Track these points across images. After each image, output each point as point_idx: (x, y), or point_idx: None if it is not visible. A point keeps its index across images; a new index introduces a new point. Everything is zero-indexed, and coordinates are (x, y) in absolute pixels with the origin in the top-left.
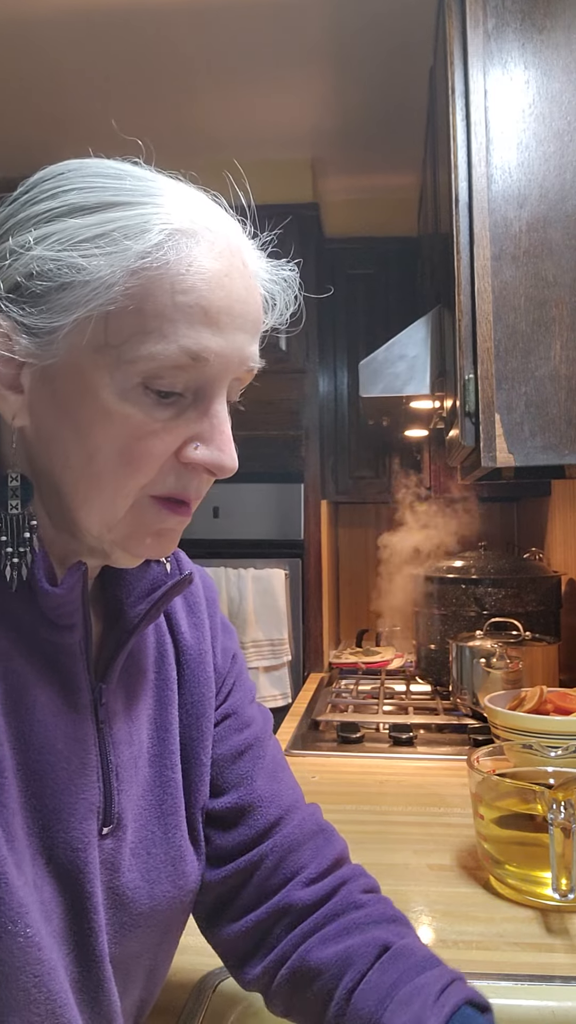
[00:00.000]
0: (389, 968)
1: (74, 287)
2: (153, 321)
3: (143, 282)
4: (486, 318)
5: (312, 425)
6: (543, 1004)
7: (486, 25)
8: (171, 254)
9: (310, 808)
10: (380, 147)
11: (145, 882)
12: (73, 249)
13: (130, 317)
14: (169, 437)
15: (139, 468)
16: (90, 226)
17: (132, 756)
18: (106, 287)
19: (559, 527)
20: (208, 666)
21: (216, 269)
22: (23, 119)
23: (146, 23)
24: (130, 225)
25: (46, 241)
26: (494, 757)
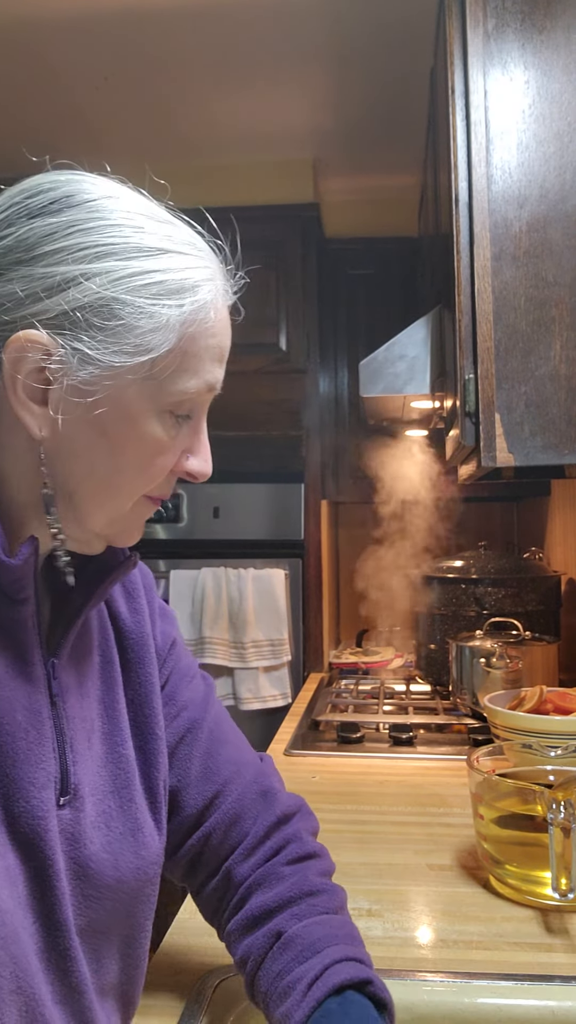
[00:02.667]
0: (277, 958)
1: (141, 330)
2: (191, 361)
3: (191, 330)
4: (486, 318)
5: (312, 425)
6: (543, 1004)
7: (486, 26)
8: (209, 306)
9: (254, 772)
10: (381, 148)
11: (108, 854)
12: (140, 294)
13: (174, 357)
14: (175, 451)
15: (154, 478)
16: (151, 271)
17: (85, 732)
18: (169, 334)
19: (559, 527)
20: (150, 648)
21: (225, 314)
22: (23, 120)
23: (146, 24)
24: (180, 279)
25: (103, 279)
26: (494, 757)
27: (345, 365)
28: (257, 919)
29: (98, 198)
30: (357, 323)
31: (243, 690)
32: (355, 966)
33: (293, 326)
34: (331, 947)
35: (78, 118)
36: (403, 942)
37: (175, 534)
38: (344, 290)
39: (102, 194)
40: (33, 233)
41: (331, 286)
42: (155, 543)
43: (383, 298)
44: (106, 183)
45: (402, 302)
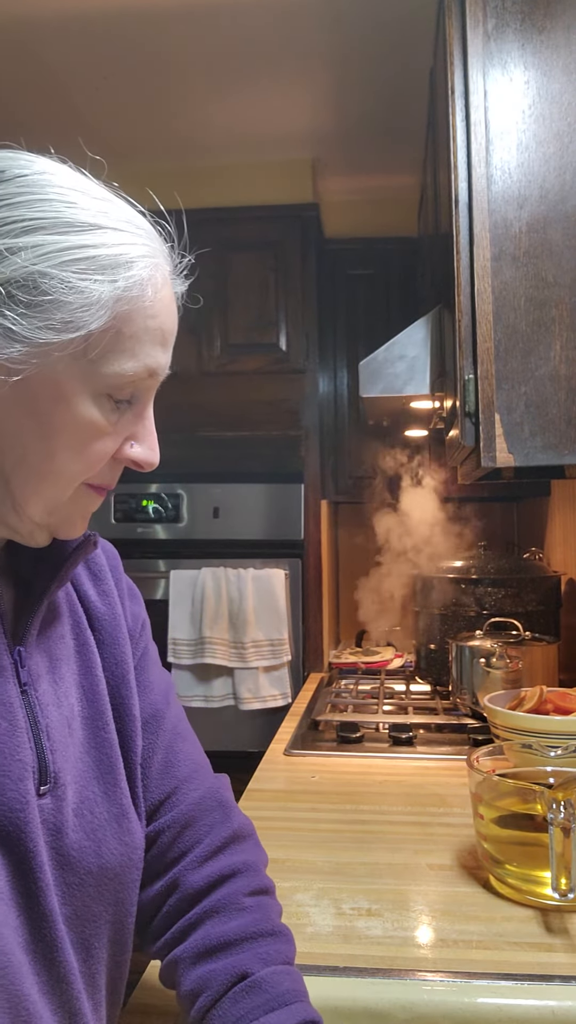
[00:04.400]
0: (241, 1000)
1: (71, 306)
2: (128, 342)
3: (125, 308)
4: (486, 318)
5: (312, 425)
6: (543, 1004)
7: (486, 26)
8: (147, 284)
9: (213, 781)
10: (380, 148)
11: (91, 841)
12: (68, 268)
13: (109, 336)
14: (116, 437)
15: (92, 465)
16: (83, 247)
17: (63, 718)
18: (100, 310)
19: (559, 527)
20: (122, 628)
21: (168, 295)
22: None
23: (146, 24)
24: (114, 254)
25: (31, 252)
26: (494, 757)
27: (345, 365)
28: (215, 948)
29: (30, 174)
30: (357, 323)
31: (243, 690)
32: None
33: (293, 326)
34: (298, 1003)
35: (77, 118)
36: (403, 942)
37: (175, 534)
38: (344, 290)
39: (35, 170)
40: None
41: (331, 286)
42: (155, 543)
43: (383, 298)
44: (43, 161)
45: (402, 302)
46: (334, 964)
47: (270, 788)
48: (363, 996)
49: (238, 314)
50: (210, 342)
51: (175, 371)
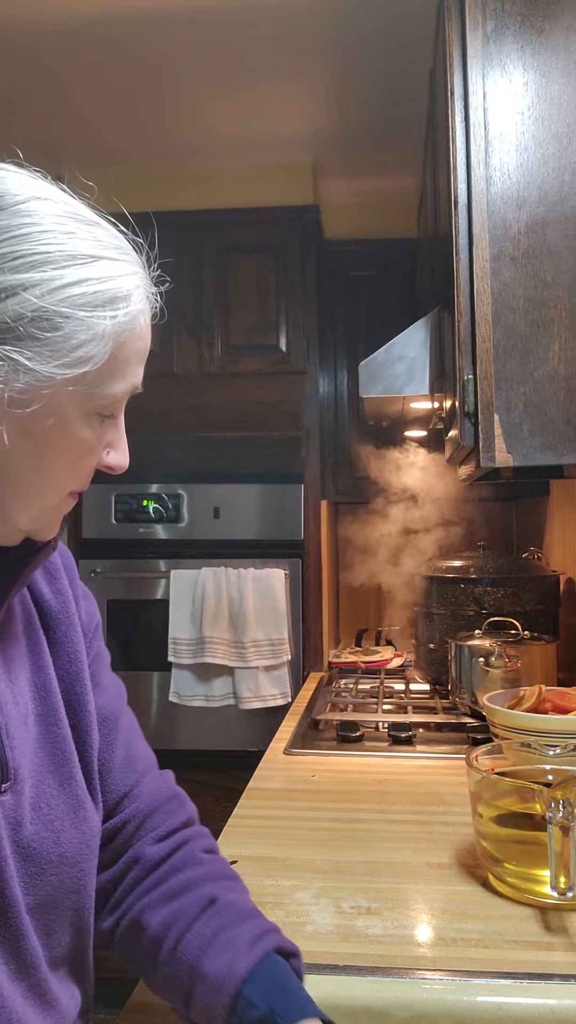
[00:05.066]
0: (213, 919)
1: (80, 342)
2: (121, 366)
3: (123, 336)
4: (485, 319)
5: (312, 425)
6: (542, 1002)
7: (485, 28)
8: (140, 314)
9: (164, 774)
10: (380, 149)
11: (49, 832)
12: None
13: (107, 364)
14: (100, 450)
15: (82, 478)
16: (87, 280)
17: (20, 715)
18: (105, 344)
19: (558, 527)
20: (76, 627)
21: (148, 317)
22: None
23: (146, 27)
24: (118, 287)
25: (44, 288)
26: (493, 756)
27: (344, 366)
28: (181, 890)
29: (27, 199)
30: (356, 324)
31: (243, 689)
32: (285, 939)
33: (293, 327)
34: (263, 919)
35: (78, 122)
36: (402, 940)
37: (175, 534)
38: (344, 291)
39: (30, 195)
40: None
41: (331, 287)
42: (155, 543)
43: (382, 299)
44: (32, 183)
45: (401, 303)
46: (333, 963)
47: (270, 787)
48: (363, 995)
49: (239, 316)
50: (211, 344)
51: (176, 372)
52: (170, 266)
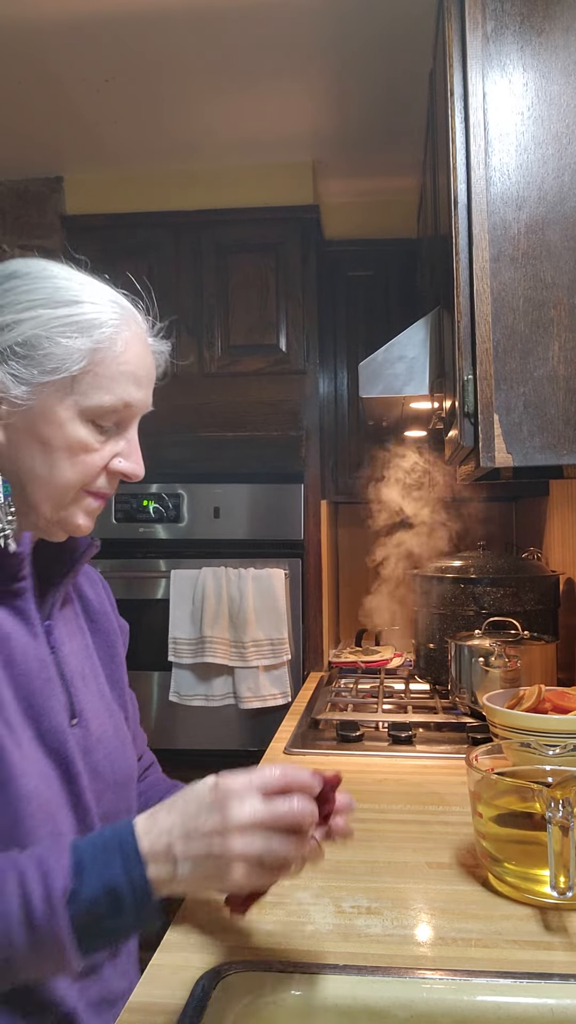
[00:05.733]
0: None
1: (58, 356)
2: (104, 381)
3: (99, 356)
4: (485, 319)
5: (312, 425)
6: (542, 1002)
7: (485, 28)
8: (116, 339)
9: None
10: (380, 150)
11: (108, 761)
12: (56, 331)
13: (89, 377)
14: (104, 453)
15: (84, 474)
16: (64, 316)
17: (81, 672)
18: (79, 358)
19: (557, 527)
20: (112, 620)
21: (139, 348)
22: (24, 123)
23: (147, 27)
24: (90, 319)
25: (33, 322)
26: (493, 755)
27: (344, 366)
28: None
29: (31, 271)
30: (356, 324)
31: (243, 689)
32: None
33: (293, 327)
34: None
35: (79, 121)
36: (402, 940)
37: (175, 534)
38: (343, 291)
39: (36, 268)
40: None
41: (330, 287)
42: (155, 543)
43: (382, 299)
44: (43, 263)
45: (401, 303)
46: (334, 962)
47: None
48: (363, 994)
49: (239, 315)
50: (211, 343)
51: (176, 372)
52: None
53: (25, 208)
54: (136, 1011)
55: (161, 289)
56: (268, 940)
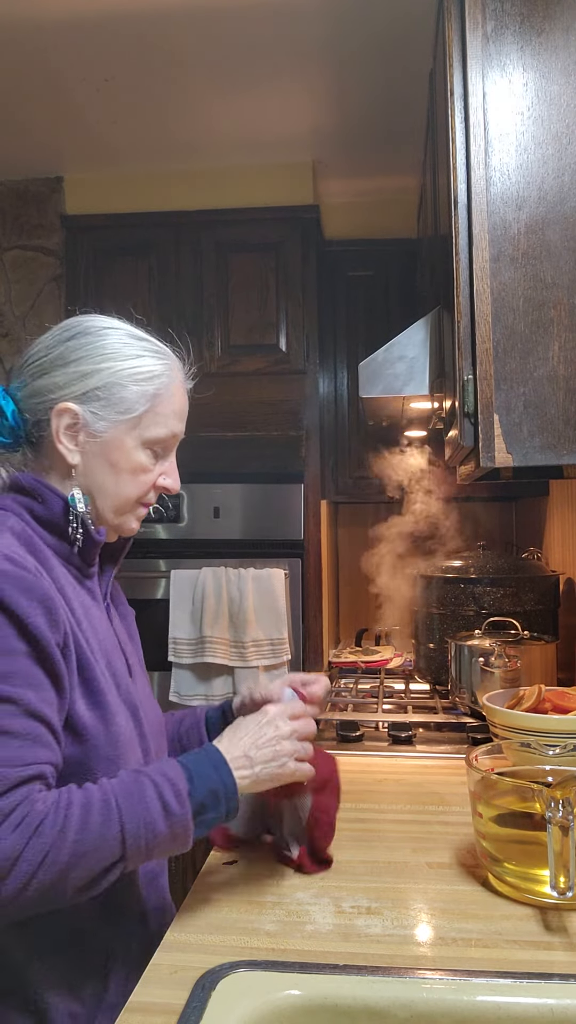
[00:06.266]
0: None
1: (130, 400)
2: (160, 418)
3: (158, 399)
4: (485, 319)
5: (312, 425)
6: (542, 1002)
7: (485, 28)
8: (169, 385)
9: None
10: (380, 150)
11: (155, 714)
12: (127, 380)
13: (149, 415)
14: (155, 473)
15: (141, 490)
16: (132, 368)
17: (125, 641)
18: (144, 401)
19: (557, 527)
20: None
21: (182, 390)
22: (25, 122)
23: (147, 26)
24: (151, 370)
25: (109, 372)
26: (493, 755)
27: (344, 366)
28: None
29: (101, 328)
30: (356, 324)
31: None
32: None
33: (293, 327)
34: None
35: (79, 120)
36: (402, 940)
37: (175, 534)
38: (343, 291)
39: (103, 325)
40: (67, 348)
41: (330, 287)
42: (156, 543)
43: (382, 299)
44: (103, 319)
45: (401, 303)
46: (334, 962)
47: None
48: (363, 994)
49: (239, 315)
50: (211, 343)
51: None
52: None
53: (25, 208)
54: (136, 1011)
55: (161, 289)
56: (268, 940)
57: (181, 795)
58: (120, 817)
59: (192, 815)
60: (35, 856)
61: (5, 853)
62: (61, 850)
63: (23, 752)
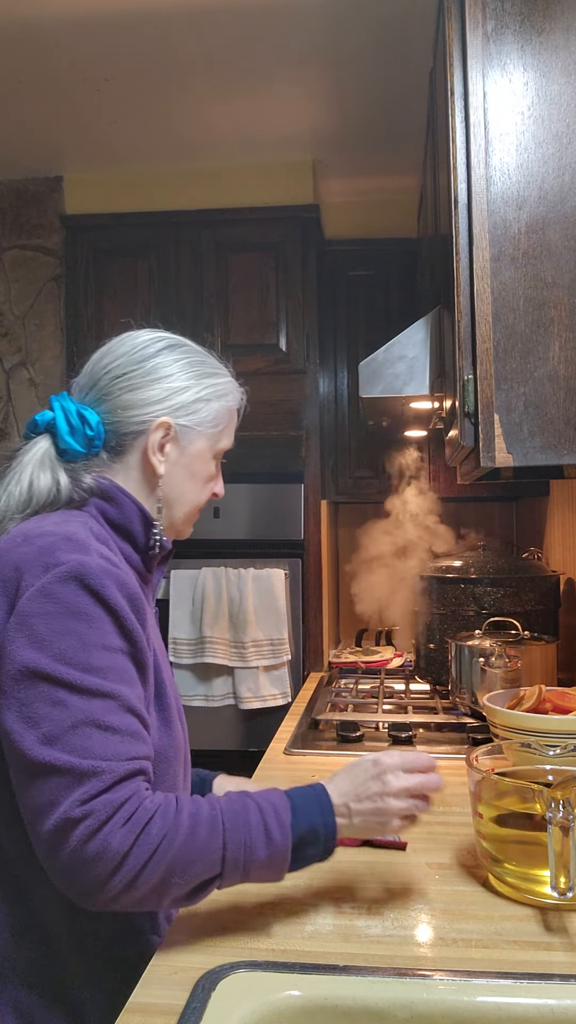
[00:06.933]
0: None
1: (216, 414)
2: (229, 429)
3: (231, 414)
4: (485, 319)
5: (312, 425)
6: (542, 1002)
7: (485, 27)
8: (236, 400)
9: None
10: (380, 149)
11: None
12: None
13: (224, 428)
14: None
15: (207, 496)
16: (214, 384)
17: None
18: (226, 415)
19: (558, 527)
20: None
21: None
22: (24, 121)
23: (147, 26)
24: (226, 386)
25: (198, 387)
26: (493, 756)
27: (345, 366)
28: None
29: (182, 343)
30: (356, 324)
31: (243, 689)
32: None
33: (293, 327)
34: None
35: (79, 120)
36: (402, 940)
37: None
38: (344, 291)
39: (182, 340)
40: (156, 364)
41: (331, 287)
42: None
43: (382, 299)
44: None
45: (401, 303)
46: (334, 963)
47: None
48: (363, 995)
49: (239, 315)
50: (211, 343)
51: None
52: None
53: (25, 208)
54: (136, 1011)
55: (161, 289)
56: (268, 941)
57: (284, 825)
58: (224, 834)
59: (291, 847)
60: (143, 853)
61: (116, 848)
62: (166, 853)
63: (127, 747)
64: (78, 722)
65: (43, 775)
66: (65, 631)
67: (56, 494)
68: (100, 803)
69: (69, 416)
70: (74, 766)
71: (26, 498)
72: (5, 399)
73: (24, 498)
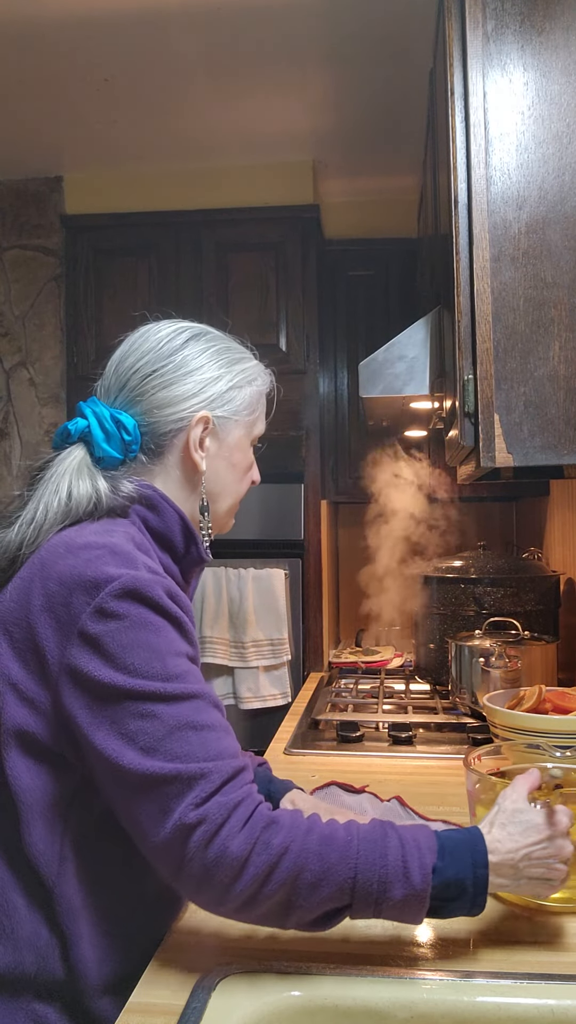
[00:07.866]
0: None
1: (250, 400)
2: (261, 415)
3: (262, 397)
4: (485, 319)
5: (312, 425)
6: (542, 1003)
7: (485, 27)
8: (265, 382)
9: None
10: (380, 149)
11: None
12: (244, 381)
13: (258, 414)
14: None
15: (247, 485)
16: (244, 370)
17: None
18: (258, 399)
19: (558, 527)
20: None
21: (272, 387)
22: (25, 121)
23: (147, 26)
24: (254, 370)
25: (230, 375)
26: (493, 756)
27: (345, 366)
28: None
29: (206, 331)
30: (356, 324)
31: (243, 689)
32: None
33: (293, 327)
34: None
35: (79, 120)
36: (402, 940)
37: None
38: (344, 291)
39: (206, 328)
40: (185, 356)
41: (331, 287)
42: None
43: (383, 299)
44: (199, 325)
45: (401, 303)
46: (334, 963)
47: None
48: (363, 995)
49: (238, 314)
50: None
51: None
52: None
53: (25, 208)
54: (136, 1011)
55: (161, 289)
56: (268, 940)
57: (426, 868)
58: (356, 863)
59: (431, 895)
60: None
61: (235, 852)
62: (289, 870)
63: (225, 743)
64: (172, 728)
65: (149, 787)
66: (135, 644)
67: (97, 502)
68: (213, 806)
69: (104, 422)
70: (180, 772)
71: (65, 509)
72: (5, 399)
73: (63, 508)
